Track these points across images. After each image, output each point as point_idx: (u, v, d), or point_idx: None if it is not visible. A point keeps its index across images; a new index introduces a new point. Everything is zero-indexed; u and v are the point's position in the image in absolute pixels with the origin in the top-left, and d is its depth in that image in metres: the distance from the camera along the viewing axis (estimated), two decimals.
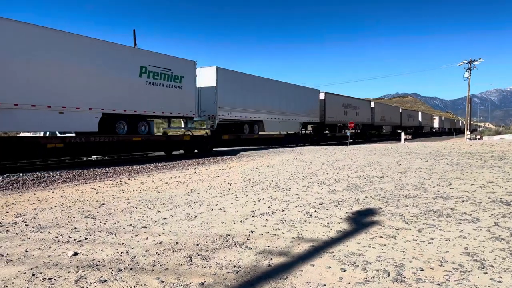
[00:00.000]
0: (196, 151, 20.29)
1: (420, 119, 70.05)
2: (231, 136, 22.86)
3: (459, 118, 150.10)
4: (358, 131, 42.74)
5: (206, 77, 20.67)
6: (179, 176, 10.74)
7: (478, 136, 47.92)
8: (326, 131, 36.38)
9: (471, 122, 53.07)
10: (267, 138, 27.61)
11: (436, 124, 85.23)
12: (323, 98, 33.35)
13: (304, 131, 32.09)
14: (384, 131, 51.40)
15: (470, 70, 45.72)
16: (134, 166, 13.80)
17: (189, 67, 18.91)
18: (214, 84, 20.46)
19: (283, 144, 28.77)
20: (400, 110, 58.20)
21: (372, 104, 45.59)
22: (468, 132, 45.35)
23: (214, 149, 21.79)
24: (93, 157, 17.67)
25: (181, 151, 20.24)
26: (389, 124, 51.93)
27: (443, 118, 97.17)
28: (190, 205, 6.54)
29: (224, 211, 5.96)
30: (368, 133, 46.87)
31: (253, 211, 5.88)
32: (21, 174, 11.12)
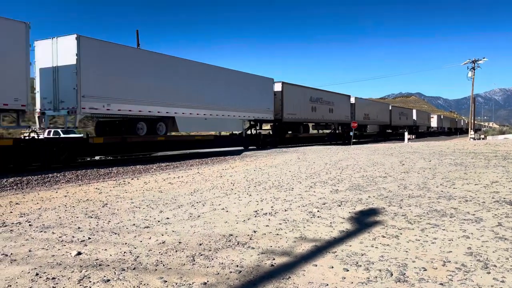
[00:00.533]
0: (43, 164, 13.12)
1: (414, 117, 63.03)
2: (108, 139, 15.61)
3: (463, 117, 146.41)
4: (337, 131, 36.67)
5: (64, 51, 13.90)
6: (182, 176, 10.77)
7: (482, 136, 47.71)
8: (290, 132, 29.60)
9: (475, 122, 52.53)
10: (183, 142, 20.35)
11: (434, 123, 78.00)
12: (280, 89, 26.32)
13: (255, 132, 25.97)
14: (368, 131, 44.71)
15: (474, 69, 45.51)
16: (137, 166, 13.84)
17: (10, 30, 11.77)
18: (74, 61, 13.56)
19: (213, 147, 21.83)
20: (390, 108, 51.74)
21: (352, 100, 38.79)
22: (472, 132, 45.17)
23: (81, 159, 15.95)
24: (97, 158, 17.68)
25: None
26: (375, 123, 45.40)
27: (442, 117, 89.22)
28: (193, 205, 6.55)
29: (227, 211, 5.97)
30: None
31: (256, 211, 5.89)
32: (25, 175, 11.18)
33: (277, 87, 26.40)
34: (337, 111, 34.99)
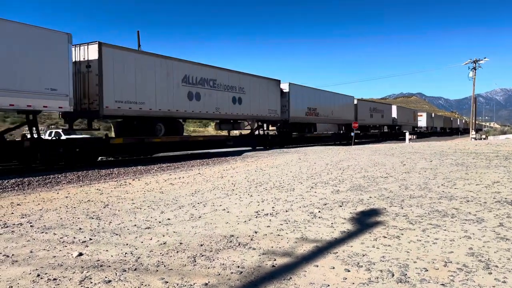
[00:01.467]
0: None
1: (394, 115, 50.35)
2: None
3: (464, 117, 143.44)
4: (259, 131, 26.31)
5: None
6: (183, 177, 10.77)
7: (483, 136, 47.66)
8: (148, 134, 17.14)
9: (476, 122, 52.28)
10: None
11: (422, 122, 65.31)
12: (95, 57, 14.32)
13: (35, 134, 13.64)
14: (317, 131, 33.12)
15: (475, 69, 45.50)
16: (139, 167, 13.85)
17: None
18: None
19: None
20: (355, 102, 38.88)
21: (285, 87, 26.56)
22: (473, 132, 45.13)
23: None
24: (98, 158, 17.65)
25: None
26: (332, 122, 34.56)
27: (433, 115, 76.68)
28: (194, 205, 6.55)
29: (228, 212, 5.97)
30: (290, 135, 29.23)
31: (257, 212, 5.89)
32: (26, 175, 11.19)
33: (91, 54, 14.47)
34: (253, 102, 23.63)
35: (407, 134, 38.83)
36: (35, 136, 13.55)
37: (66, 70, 13.11)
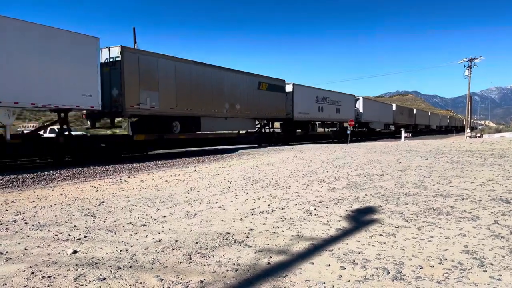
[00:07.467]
0: None
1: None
2: None
3: (460, 115, 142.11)
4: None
5: None
6: (179, 174, 10.74)
7: (478, 134, 47.89)
8: None
9: (471, 120, 52.42)
10: None
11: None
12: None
13: None
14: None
15: (471, 68, 45.66)
16: (134, 164, 13.80)
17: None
18: None
19: None
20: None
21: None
22: (469, 130, 45.34)
23: None
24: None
25: None
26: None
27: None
28: (189, 203, 6.54)
29: (224, 209, 5.95)
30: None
31: (253, 209, 5.88)
32: (21, 172, 11.12)
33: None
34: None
35: (402, 132, 38.91)
36: None
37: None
